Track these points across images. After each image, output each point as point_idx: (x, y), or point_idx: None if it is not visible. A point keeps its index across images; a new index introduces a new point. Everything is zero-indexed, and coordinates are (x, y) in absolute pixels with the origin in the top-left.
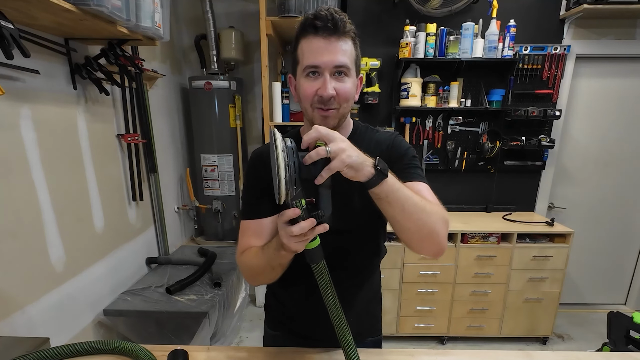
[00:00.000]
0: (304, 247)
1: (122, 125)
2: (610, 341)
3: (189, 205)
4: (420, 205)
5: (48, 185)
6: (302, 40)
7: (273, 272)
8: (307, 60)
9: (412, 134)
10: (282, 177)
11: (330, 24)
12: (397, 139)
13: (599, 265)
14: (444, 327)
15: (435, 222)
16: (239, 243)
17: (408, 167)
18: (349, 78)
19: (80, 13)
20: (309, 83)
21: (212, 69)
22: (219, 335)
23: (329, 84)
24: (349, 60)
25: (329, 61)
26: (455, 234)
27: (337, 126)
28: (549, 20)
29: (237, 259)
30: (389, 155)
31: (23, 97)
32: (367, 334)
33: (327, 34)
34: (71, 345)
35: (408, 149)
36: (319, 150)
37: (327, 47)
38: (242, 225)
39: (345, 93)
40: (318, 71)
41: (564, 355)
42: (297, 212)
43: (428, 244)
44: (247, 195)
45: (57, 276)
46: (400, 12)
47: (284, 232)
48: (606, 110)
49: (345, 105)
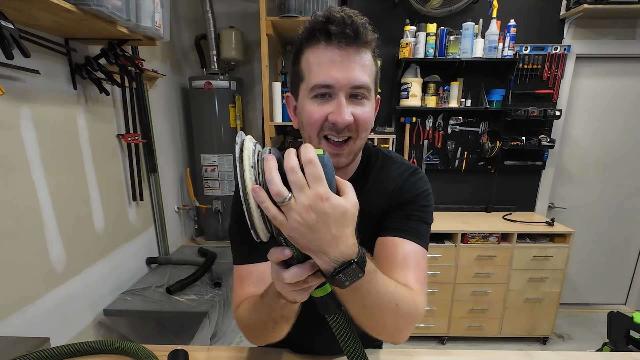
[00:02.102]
0: (308, 295)
1: (122, 125)
2: (610, 341)
3: (189, 205)
4: (388, 308)
5: (48, 185)
6: (309, 50)
7: (277, 327)
8: (316, 78)
9: (412, 133)
10: (253, 206)
11: (349, 30)
12: (410, 179)
13: (599, 265)
14: (444, 327)
15: (400, 325)
16: (235, 293)
17: (409, 218)
18: (369, 101)
19: (80, 13)
20: (317, 107)
21: (212, 69)
22: (219, 335)
23: (345, 108)
24: (369, 79)
25: (345, 80)
26: (456, 234)
27: (350, 163)
28: (549, 20)
29: (233, 313)
30: (397, 199)
31: (23, 97)
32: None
33: (344, 44)
34: (71, 345)
35: (419, 195)
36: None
37: (343, 60)
38: (236, 272)
39: (365, 120)
40: (330, 92)
41: (564, 355)
42: (288, 253)
43: (383, 337)
44: (236, 235)
45: (57, 276)
46: (400, 12)
47: (275, 277)
48: (606, 110)
49: (364, 135)
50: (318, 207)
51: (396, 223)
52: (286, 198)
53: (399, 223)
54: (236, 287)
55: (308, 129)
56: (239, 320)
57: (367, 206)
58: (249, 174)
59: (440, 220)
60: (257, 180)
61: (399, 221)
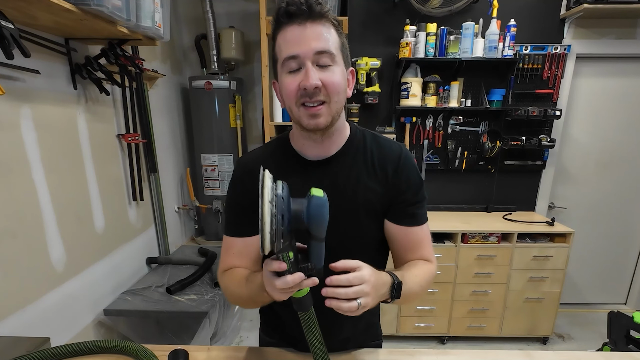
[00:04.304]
0: (289, 296)
1: (123, 125)
2: (610, 341)
3: (189, 205)
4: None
5: (48, 185)
6: (278, 34)
7: (255, 305)
8: (284, 52)
9: (412, 133)
10: (267, 232)
11: (304, 7)
12: (407, 163)
13: (600, 265)
14: (444, 327)
15: (423, 294)
16: (221, 260)
17: (415, 205)
18: (337, 67)
19: (80, 13)
20: (291, 78)
21: (213, 68)
22: (220, 335)
23: (311, 72)
24: (332, 46)
25: (308, 48)
26: (456, 234)
27: (330, 126)
28: (550, 19)
29: (218, 276)
30: (397, 186)
31: (23, 97)
32: (369, 340)
33: (302, 19)
34: (71, 344)
35: (417, 183)
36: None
37: (303, 33)
38: (224, 241)
39: (333, 83)
40: (298, 63)
41: (565, 355)
42: (284, 267)
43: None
44: (230, 212)
45: (58, 276)
46: (400, 12)
47: (268, 281)
48: (607, 110)
49: (336, 98)
50: (364, 290)
51: (405, 212)
52: (359, 304)
53: (407, 212)
54: (222, 254)
55: (287, 100)
56: (223, 286)
57: (359, 173)
58: (268, 208)
59: (440, 220)
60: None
61: (407, 209)
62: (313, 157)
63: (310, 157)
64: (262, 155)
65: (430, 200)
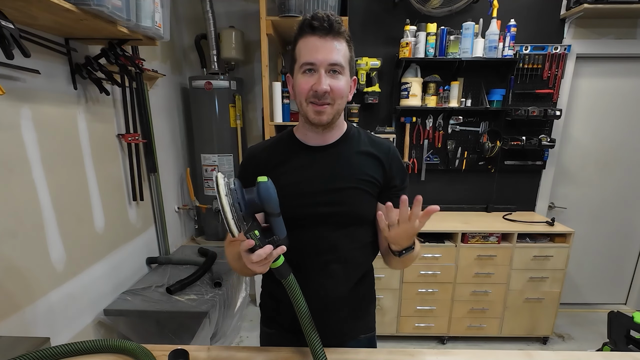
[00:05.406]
0: (268, 268)
1: (123, 125)
2: (610, 341)
3: (189, 205)
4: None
5: (48, 185)
6: (300, 39)
7: (251, 274)
8: (304, 58)
9: (413, 133)
10: (230, 219)
11: (326, 24)
12: (396, 155)
13: (599, 265)
14: (444, 327)
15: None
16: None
17: (402, 191)
18: (343, 76)
19: (80, 13)
20: (305, 79)
21: (213, 68)
22: (220, 335)
23: (324, 79)
24: (343, 59)
25: (324, 59)
26: (456, 234)
27: (331, 123)
28: (550, 19)
29: (225, 245)
30: (388, 168)
31: (23, 97)
32: (361, 331)
33: (323, 34)
34: (71, 344)
35: (405, 170)
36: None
37: (323, 45)
38: None
39: (339, 90)
40: (314, 68)
41: (565, 355)
42: (252, 243)
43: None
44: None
45: (58, 276)
46: (400, 12)
47: (246, 259)
48: (607, 110)
49: (340, 101)
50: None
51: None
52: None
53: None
54: None
55: (299, 96)
56: (227, 254)
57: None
58: (225, 201)
59: (440, 220)
60: (230, 202)
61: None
62: (314, 144)
63: (312, 144)
64: (268, 144)
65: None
